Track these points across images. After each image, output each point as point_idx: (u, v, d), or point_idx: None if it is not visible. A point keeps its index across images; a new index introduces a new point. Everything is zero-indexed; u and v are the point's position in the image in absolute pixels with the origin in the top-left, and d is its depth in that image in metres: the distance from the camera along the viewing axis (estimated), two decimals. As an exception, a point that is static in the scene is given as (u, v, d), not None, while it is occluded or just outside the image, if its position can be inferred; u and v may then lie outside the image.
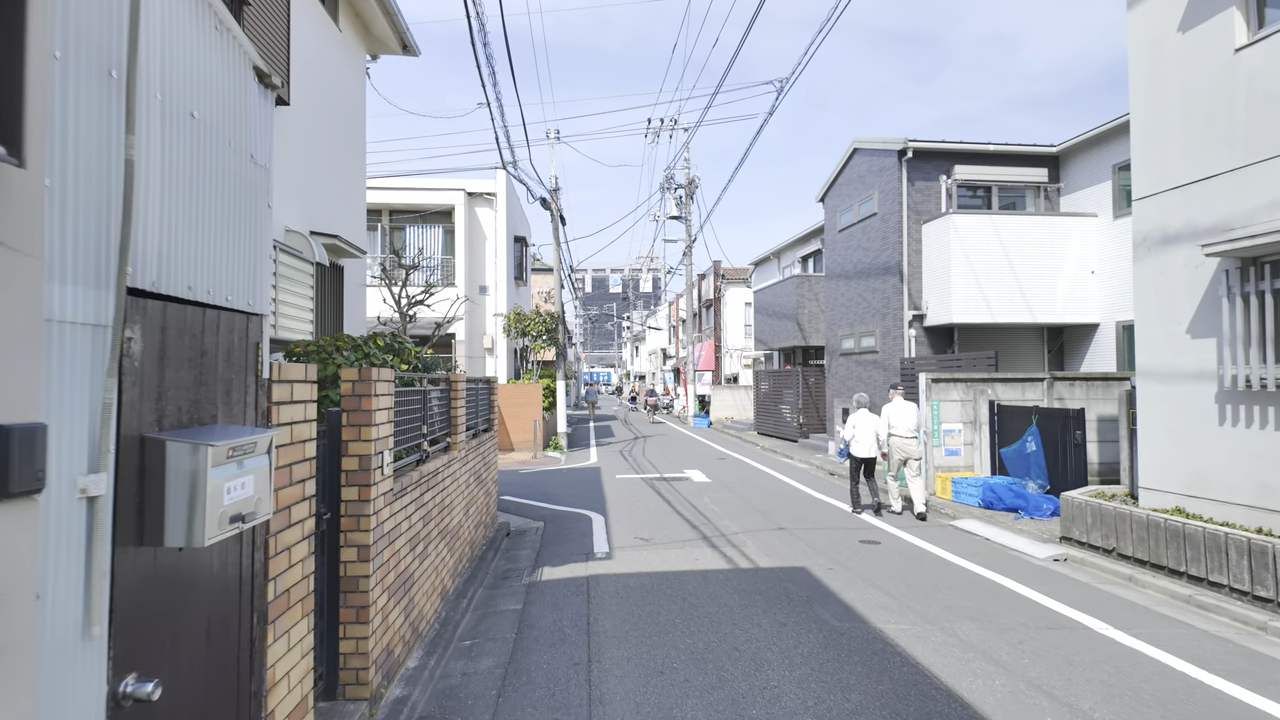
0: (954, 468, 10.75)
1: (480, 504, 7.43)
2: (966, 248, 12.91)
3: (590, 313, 72.26)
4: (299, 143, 7.61)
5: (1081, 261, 13.18)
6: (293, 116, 7.39)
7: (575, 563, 6.88)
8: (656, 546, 7.43)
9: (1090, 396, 10.92)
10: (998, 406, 10.63)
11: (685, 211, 28.89)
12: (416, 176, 18.66)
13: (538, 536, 8.18)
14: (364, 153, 9.88)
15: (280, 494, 2.50)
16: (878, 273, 14.62)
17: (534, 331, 18.54)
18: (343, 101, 9.05)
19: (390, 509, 4.02)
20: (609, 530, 8.32)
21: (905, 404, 9.42)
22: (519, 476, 13.27)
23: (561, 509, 9.83)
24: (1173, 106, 6.78)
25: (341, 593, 3.61)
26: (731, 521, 8.70)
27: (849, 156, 15.99)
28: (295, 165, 7.55)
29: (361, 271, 9.42)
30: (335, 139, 8.86)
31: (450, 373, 6.07)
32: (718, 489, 11.46)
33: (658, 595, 5.70)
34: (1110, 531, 6.81)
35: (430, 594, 5.01)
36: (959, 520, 8.94)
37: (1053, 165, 14.08)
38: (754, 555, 7.00)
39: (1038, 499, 9.06)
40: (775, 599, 5.58)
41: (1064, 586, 6.05)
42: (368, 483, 3.64)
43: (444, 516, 5.54)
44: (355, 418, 3.64)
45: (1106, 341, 13.07)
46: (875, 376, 14.77)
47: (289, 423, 2.58)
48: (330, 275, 8.52)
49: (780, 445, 18.47)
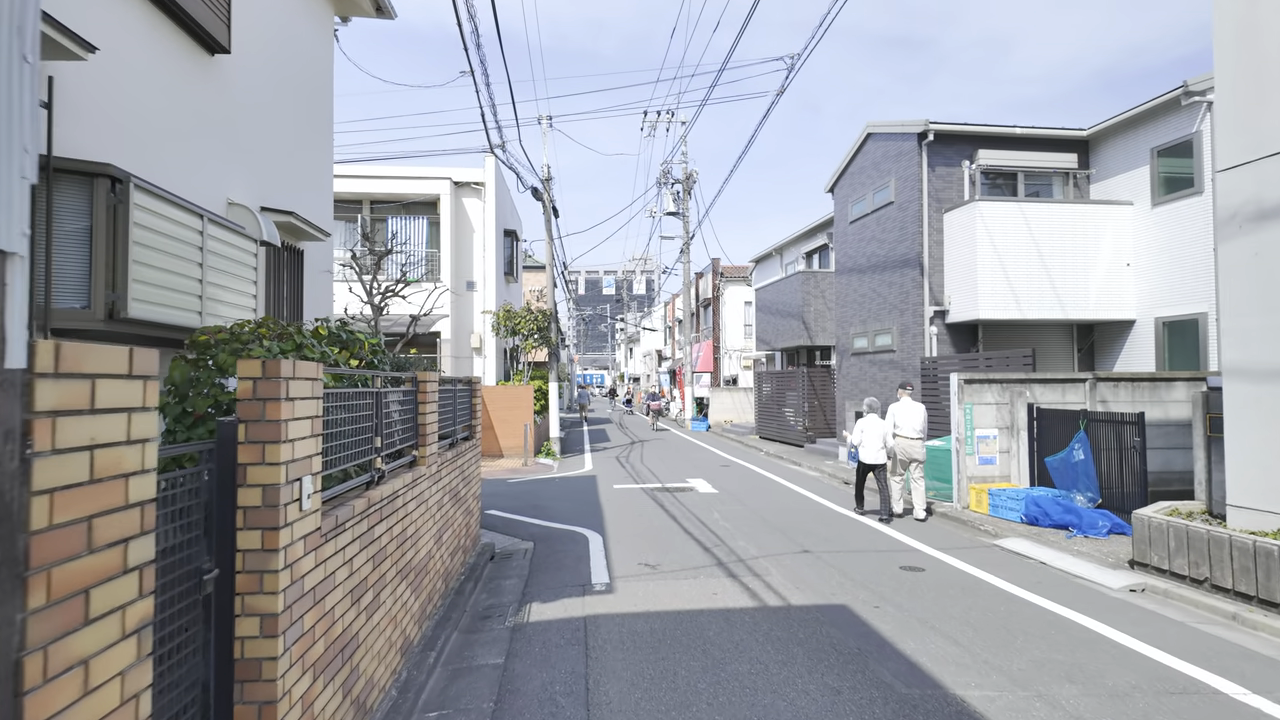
0: (989, 478, 9.72)
1: (459, 526, 6.33)
2: (994, 238, 11.91)
3: (584, 313, 71.06)
4: (247, 104, 6.50)
5: (1116, 253, 12.20)
6: (238, 71, 6.28)
7: (570, 597, 5.79)
8: (665, 575, 6.35)
9: (1137, 399, 9.92)
10: (1037, 410, 9.61)
11: (683, 207, 27.86)
12: (399, 165, 17.55)
13: (526, 561, 7.08)
14: (331, 126, 8.77)
15: (60, 573, 1.42)
16: (895, 266, 13.60)
17: (525, 330, 17.43)
18: (306, 65, 7.94)
19: (316, 556, 2.92)
20: (608, 553, 7.24)
21: (913, 404, 9.15)
22: (507, 487, 12.16)
23: (554, 526, 8.73)
24: (1273, 59, 5.77)
25: (237, 683, 2.51)
26: (748, 542, 7.63)
27: (861, 142, 14.98)
28: (243, 129, 6.44)
29: (326, 257, 8.31)
30: (298, 107, 7.76)
31: (420, 371, 4.98)
32: (726, 501, 10.39)
33: (672, 646, 4.62)
34: (1200, 558, 5.78)
35: (385, 653, 3.92)
36: (1004, 539, 7.91)
37: (1082, 150, 13.11)
38: (781, 588, 5.92)
39: (1091, 515, 8.03)
40: (819, 652, 4.50)
41: (1159, 629, 5.01)
42: (275, 523, 2.55)
43: (406, 551, 4.44)
44: (258, 431, 2.55)
45: (1143, 339, 12.09)
46: (892, 377, 13.74)
47: (80, 447, 1.49)
48: (288, 260, 7.41)
49: (785, 451, 17.42)
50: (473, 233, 17.58)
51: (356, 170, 16.85)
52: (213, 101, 5.92)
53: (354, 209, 17.18)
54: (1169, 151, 11.53)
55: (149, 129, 5.09)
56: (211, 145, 5.92)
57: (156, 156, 5.12)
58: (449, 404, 6.10)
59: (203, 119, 5.81)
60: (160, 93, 5.21)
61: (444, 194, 16.82)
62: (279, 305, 7.07)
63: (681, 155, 27.93)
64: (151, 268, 4.31)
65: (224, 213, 6.00)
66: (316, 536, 2.92)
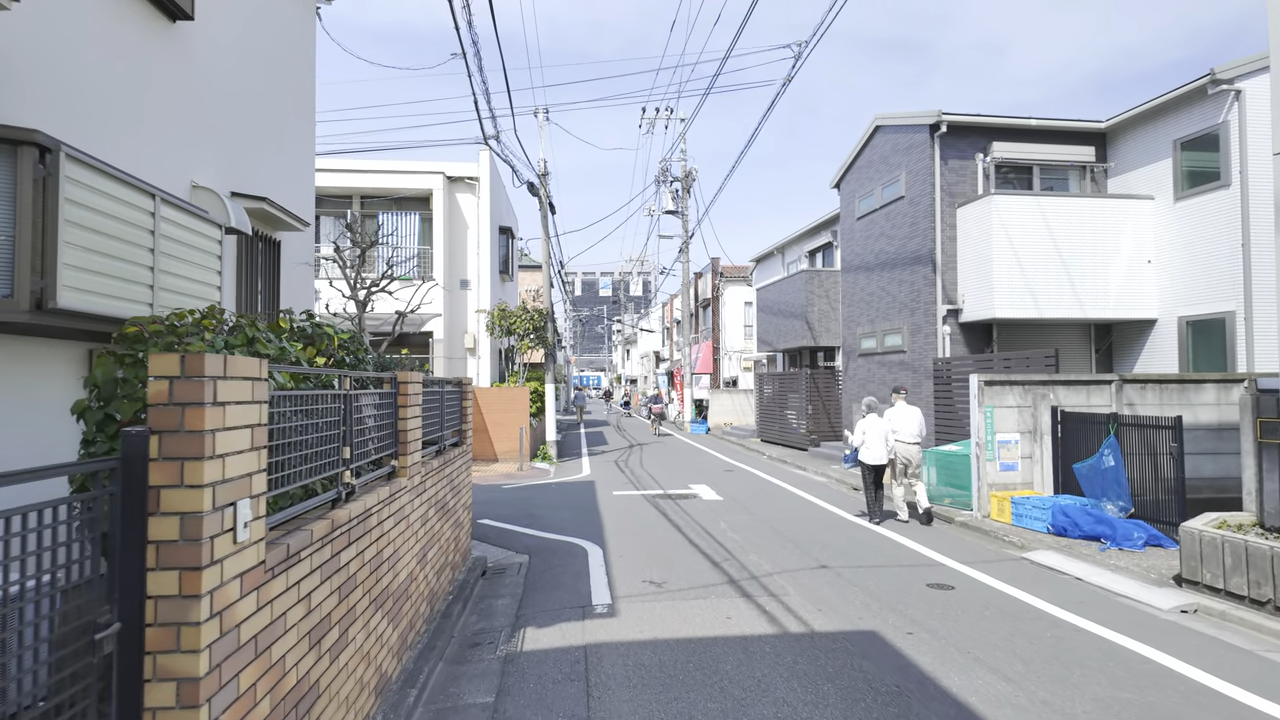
0: (1010, 485, 9.19)
1: (446, 541, 5.78)
2: (1010, 233, 11.41)
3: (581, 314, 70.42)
4: (216, 79, 5.95)
5: (1137, 249, 11.71)
6: (205, 41, 5.73)
7: (568, 620, 5.25)
8: (673, 595, 5.80)
9: (1164, 401, 9.42)
10: (1062, 413, 9.10)
11: (682, 206, 27.35)
12: (391, 159, 16.99)
13: (521, 577, 6.53)
14: (313, 110, 8.22)
15: None
16: (905, 263, 13.09)
17: (520, 330, 16.86)
18: (284, 41, 7.38)
19: (259, 596, 2.37)
20: (609, 568, 6.69)
21: (909, 408, 9.16)
22: (502, 493, 11.60)
23: (550, 537, 8.18)
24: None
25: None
26: (760, 556, 7.09)
27: (869, 135, 14.48)
28: (211, 107, 5.88)
29: (307, 250, 7.75)
30: (275, 86, 7.21)
31: (401, 371, 4.43)
32: (733, 509, 9.84)
33: (685, 684, 4.07)
34: (1263, 578, 5.26)
35: (355, 698, 3.37)
36: (1032, 552, 7.38)
37: (1099, 143, 12.63)
38: (802, 610, 5.38)
39: (1125, 526, 7.51)
40: (853, 690, 3.96)
41: (1228, 659, 4.49)
42: (198, 562, 2.00)
43: (383, 576, 3.89)
44: (176, 445, 2.00)
45: (1165, 340, 11.60)
46: (901, 379, 13.22)
47: None
48: (263, 251, 6.85)
49: (788, 454, 16.89)
50: (466, 229, 17.02)
51: (346, 164, 16.29)
52: (175, 73, 5.36)
53: (344, 204, 16.61)
54: (1193, 144, 11.05)
55: (97, 99, 4.53)
56: (173, 122, 5.36)
57: (105, 130, 4.56)
58: (435, 407, 5.55)
59: (162, 92, 5.26)
60: (110, 59, 4.66)
61: (437, 189, 16.26)
62: (251, 299, 6.52)
63: (681, 152, 27.43)
64: (89, 251, 3.75)
65: (188, 196, 5.44)
66: (259, 573, 2.37)
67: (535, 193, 16.56)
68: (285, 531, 2.74)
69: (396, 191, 16.42)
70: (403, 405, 4.41)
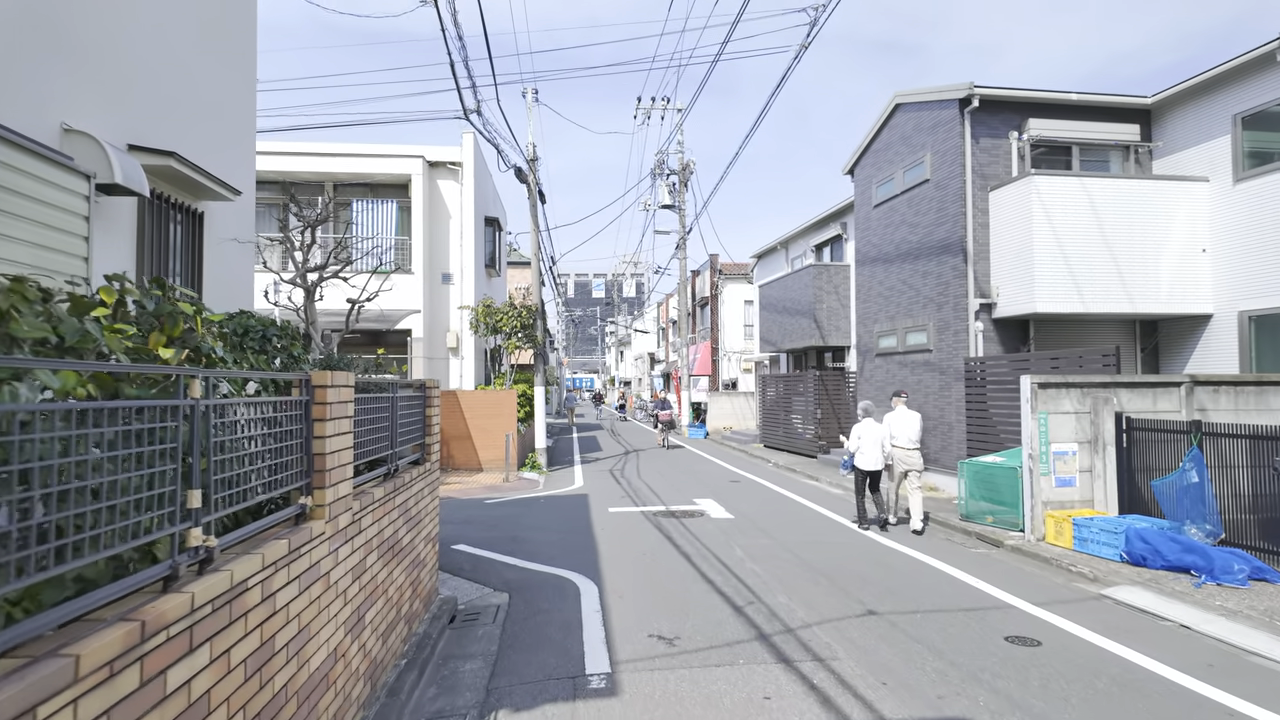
0: (1067, 502, 7.98)
1: (399, 587, 4.50)
2: (1052, 218, 10.23)
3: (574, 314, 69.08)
4: (106, 5, 4.66)
5: (1190, 236, 10.55)
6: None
7: (554, 700, 3.98)
8: (689, 659, 4.53)
9: (1240, 406, 8.25)
10: (1128, 421, 7.90)
11: (679, 200, 26.11)
12: (367, 143, 15.68)
13: (497, 627, 5.26)
14: (254, 65, 6.93)
15: None
16: (931, 253, 11.89)
17: (508, 328, 15.55)
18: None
19: None
20: (607, 616, 5.42)
21: (908, 413, 8.96)
22: (483, 510, 10.30)
23: (536, 568, 6.90)
24: None
25: None
26: (790, 598, 5.82)
27: (888, 114, 13.27)
28: (97, 37, 4.59)
29: (242, 224, 6.45)
30: (201, 30, 5.91)
31: (312, 372, 3.15)
32: (747, 530, 8.59)
33: (722, 822, 2.81)
34: None
35: None
36: (1113, 588, 6.17)
37: (1144, 121, 11.47)
38: (861, 684, 4.12)
39: (1223, 556, 6.30)
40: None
41: None
42: None
43: (275, 672, 2.62)
44: None
45: (1223, 336, 10.43)
46: (927, 381, 12.01)
47: None
48: (182, 223, 5.56)
49: (796, 462, 15.67)
50: (449, 218, 15.72)
51: (318, 148, 14.96)
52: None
53: (316, 192, 15.29)
54: (1257, 118, 9.89)
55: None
56: (35, 48, 4.08)
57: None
58: (383, 418, 4.27)
59: (22, 8, 3.98)
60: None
61: (416, 174, 14.96)
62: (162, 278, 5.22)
63: (678, 144, 26.22)
64: None
65: (57, 141, 4.15)
66: None
67: (523, 178, 15.28)
68: (23, 665, 1.46)
69: (373, 178, 15.12)
70: (320, 419, 3.13)
